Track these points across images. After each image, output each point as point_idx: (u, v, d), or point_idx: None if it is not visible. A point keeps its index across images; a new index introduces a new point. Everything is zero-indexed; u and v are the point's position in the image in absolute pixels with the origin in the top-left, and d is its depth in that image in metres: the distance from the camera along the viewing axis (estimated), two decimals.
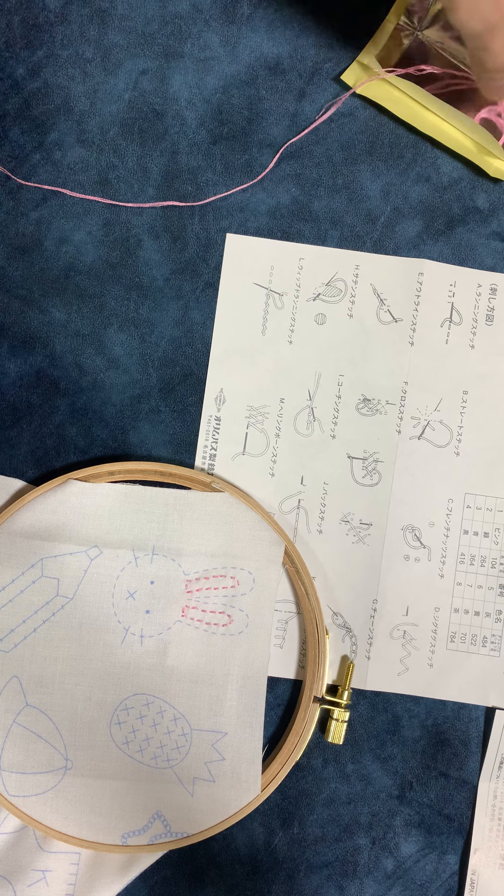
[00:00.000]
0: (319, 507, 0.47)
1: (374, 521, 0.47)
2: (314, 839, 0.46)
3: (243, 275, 0.48)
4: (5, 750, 0.44)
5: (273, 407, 0.48)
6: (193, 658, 0.45)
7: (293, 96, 0.48)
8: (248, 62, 0.48)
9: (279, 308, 0.48)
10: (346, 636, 0.47)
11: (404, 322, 0.48)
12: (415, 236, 0.48)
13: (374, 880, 0.46)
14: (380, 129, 0.48)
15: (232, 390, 0.48)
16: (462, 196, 0.48)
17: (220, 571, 0.45)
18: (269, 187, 0.48)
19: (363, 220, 0.48)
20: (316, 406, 0.48)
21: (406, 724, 0.47)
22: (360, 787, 0.47)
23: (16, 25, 0.48)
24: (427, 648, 0.47)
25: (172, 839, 0.44)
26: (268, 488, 0.47)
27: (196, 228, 0.48)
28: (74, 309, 0.48)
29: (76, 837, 0.44)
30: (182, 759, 0.44)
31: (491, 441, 0.48)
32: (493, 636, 0.47)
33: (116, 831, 0.44)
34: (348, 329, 0.48)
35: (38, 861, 0.45)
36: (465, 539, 0.47)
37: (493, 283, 0.48)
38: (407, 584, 0.47)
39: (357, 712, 0.47)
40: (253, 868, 0.46)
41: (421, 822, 0.47)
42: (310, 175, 0.48)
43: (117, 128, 0.48)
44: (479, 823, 0.46)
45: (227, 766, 0.44)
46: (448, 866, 0.46)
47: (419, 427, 0.48)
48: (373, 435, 0.48)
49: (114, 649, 0.45)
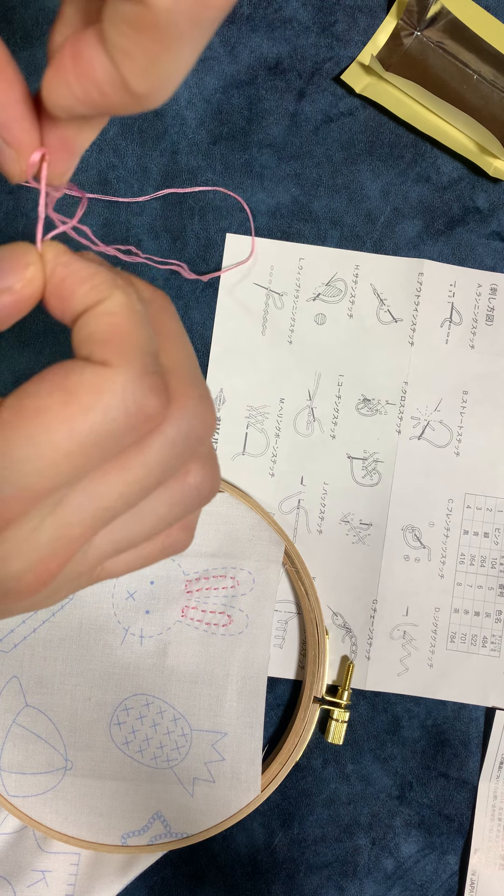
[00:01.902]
0: (319, 508, 0.47)
1: (374, 522, 0.47)
2: (314, 839, 0.46)
3: (243, 275, 0.48)
4: (5, 750, 0.44)
5: (273, 407, 0.48)
6: (193, 658, 0.45)
7: (293, 96, 0.48)
8: (248, 62, 0.48)
9: (279, 308, 0.48)
10: (345, 636, 0.47)
11: (404, 322, 0.48)
12: (415, 236, 0.48)
13: (374, 881, 0.46)
14: (380, 129, 0.48)
15: (232, 390, 0.48)
16: (462, 196, 0.48)
17: (219, 572, 0.45)
18: (269, 187, 0.48)
19: (363, 220, 0.48)
20: (316, 406, 0.48)
21: (406, 724, 0.47)
22: (360, 787, 0.47)
23: (15, 25, 0.48)
24: (427, 649, 0.47)
25: (172, 839, 0.44)
26: (268, 488, 0.47)
27: (196, 228, 0.48)
28: None
29: (76, 838, 0.44)
30: (182, 760, 0.44)
31: (491, 441, 0.48)
32: (494, 636, 0.47)
33: (116, 831, 0.44)
34: (348, 329, 0.48)
35: (37, 861, 0.45)
36: (465, 539, 0.47)
37: (493, 283, 0.48)
38: (407, 585, 0.47)
39: (357, 712, 0.47)
40: (253, 868, 0.46)
41: (421, 822, 0.47)
42: (310, 175, 0.48)
43: (117, 127, 0.48)
44: (479, 824, 0.46)
45: (226, 766, 0.44)
46: (448, 867, 0.46)
47: (419, 427, 0.48)
48: (373, 435, 0.47)
49: (113, 649, 0.45)
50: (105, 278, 0.19)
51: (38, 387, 0.18)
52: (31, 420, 0.17)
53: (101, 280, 0.19)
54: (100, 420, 0.17)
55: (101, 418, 0.17)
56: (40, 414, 0.17)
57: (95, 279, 0.19)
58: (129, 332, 0.18)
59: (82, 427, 0.17)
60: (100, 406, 0.17)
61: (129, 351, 0.18)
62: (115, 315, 0.18)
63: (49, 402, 0.17)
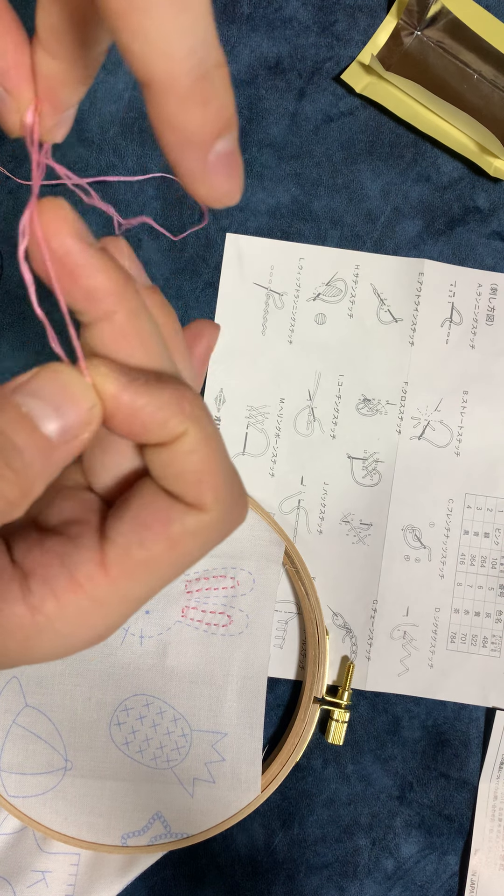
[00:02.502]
0: (319, 508, 0.47)
1: (374, 522, 0.47)
2: (314, 840, 0.46)
3: (243, 275, 0.48)
4: (5, 750, 0.44)
5: (273, 407, 0.48)
6: (193, 658, 0.45)
7: (293, 96, 0.48)
8: (248, 61, 0.48)
9: (279, 308, 0.48)
10: (346, 636, 0.47)
11: (404, 322, 0.48)
12: (415, 236, 0.48)
13: (374, 881, 0.46)
14: (380, 129, 0.48)
15: (232, 390, 0.48)
16: (462, 196, 0.48)
17: (220, 572, 0.45)
18: (269, 187, 0.48)
19: (363, 220, 0.48)
20: (316, 406, 0.48)
21: (406, 724, 0.47)
22: (361, 787, 0.47)
23: None
24: (427, 649, 0.47)
25: (172, 840, 0.44)
26: (268, 488, 0.47)
27: None
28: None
29: (76, 838, 0.44)
30: (182, 760, 0.44)
31: (491, 441, 0.48)
32: (494, 636, 0.47)
33: (116, 832, 0.44)
34: (348, 329, 0.48)
35: (37, 862, 0.45)
36: (465, 539, 0.47)
37: (493, 282, 0.48)
38: (407, 585, 0.47)
39: (357, 713, 0.47)
40: (253, 869, 0.46)
41: (421, 822, 0.47)
42: (310, 175, 0.48)
43: (117, 127, 0.48)
44: (479, 824, 0.46)
45: (227, 766, 0.44)
46: (448, 867, 0.46)
47: (419, 427, 0.48)
48: (373, 435, 0.47)
49: (113, 650, 0.45)
50: (174, 407, 0.18)
51: (142, 536, 0.18)
52: (142, 570, 0.18)
53: (171, 413, 0.17)
54: (200, 555, 0.19)
55: (201, 554, 0.19)
56: (151, 565, 0.18)
57: (166, 411, 0.17)
58: (216, 470, 0.18)
59: (187, 563, 0.19)
60: (201, 549, 0.19)
61: (218, 491, 0.18)
62: (197, 454, 0.18)
63: (157, 553, 0.18)
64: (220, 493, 0.18)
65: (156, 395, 0.17)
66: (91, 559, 0.18)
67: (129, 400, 0.17)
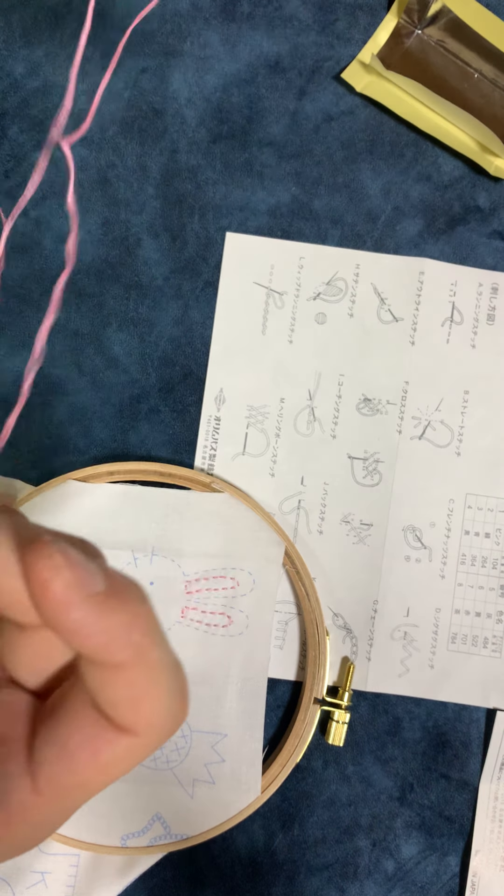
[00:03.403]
0: (320, 508, 0.47)
1: (374, 522, 0.47)
2: (314, 841, 0.46)
3: (243, 274, 0.48)
4: None
5: (273, 407, 0.48)
6: (193, 659, 0.45)
7: (293, 95, 0.48)
8: (248, 60, 0.48)
9: (279, 307, 0.48)
10: (346, 637, 0.47)
11: (405, 321, 0.48)
12: (416, 235, 0.48)
13: (374, 882, 0.46)
14: (380, 128, 0.48)
15: (232, 390, 0.47)
16: (463, 195, 0.48)
17: (219, 572, 0.45)
18: (269, 186, 0.48)
19: (364, 219, 0.48)
20: (316, 406, 0.48)
21: (407, 725, 0.47)
22: (361, 788, 0.46)
23: (15, 24, 0.48)
24: (428, 649, 0.47)
25: (172, 841, 0.44)
26: (268, 488, 0.47)
27: (195, 227, 0.48)
28: (73, 308, 0.47)
29: (75, 839, 0.44)
30: (182, 761, 0.44)
31: (492, 441, 0.47)
32: (495, 637, 0.47)
33: (116, 833, 0.44)
34: (349, 328, 0.48)
35: (36, 863, 0.44)
36: (466, 540, 0.47)
37: (494, 282, 0.48)
38: (408, 585, 0.47)
39: (357, 714, 0.46)
40: (253, 870, 0.46)
41: (422, 823, 0.46)
42: (310, 174, 0.48)
43: (117, 126, 0.48)
44: (479, 825, 0.46)
45: (226, 767, 0.44)
46: (449, 868, 0.46)
47: (420, 427, 0.47)
48: (373, 435, 0.47)
49: None
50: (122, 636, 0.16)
51: (71, 764, 0.18)
52: (73, 790, 0.18)
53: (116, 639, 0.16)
54: (133, 767, 0.19)
55: (133, 766, 0.19)
56: (81, 786, 0.18)
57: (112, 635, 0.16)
58: (155, 696, 0.17)
59: (119, 776, 0.19)
60: (134, 764, 0.18)
61: (154, 717, 0.17)
62: (136, 685, 0.17)
63: (87, 777, 0.18)
64: (156, 719, 0.17)
65: (106, 616, 0.16)
66: (23, 787, 0.18)
67: (79, 617, 0.15)
